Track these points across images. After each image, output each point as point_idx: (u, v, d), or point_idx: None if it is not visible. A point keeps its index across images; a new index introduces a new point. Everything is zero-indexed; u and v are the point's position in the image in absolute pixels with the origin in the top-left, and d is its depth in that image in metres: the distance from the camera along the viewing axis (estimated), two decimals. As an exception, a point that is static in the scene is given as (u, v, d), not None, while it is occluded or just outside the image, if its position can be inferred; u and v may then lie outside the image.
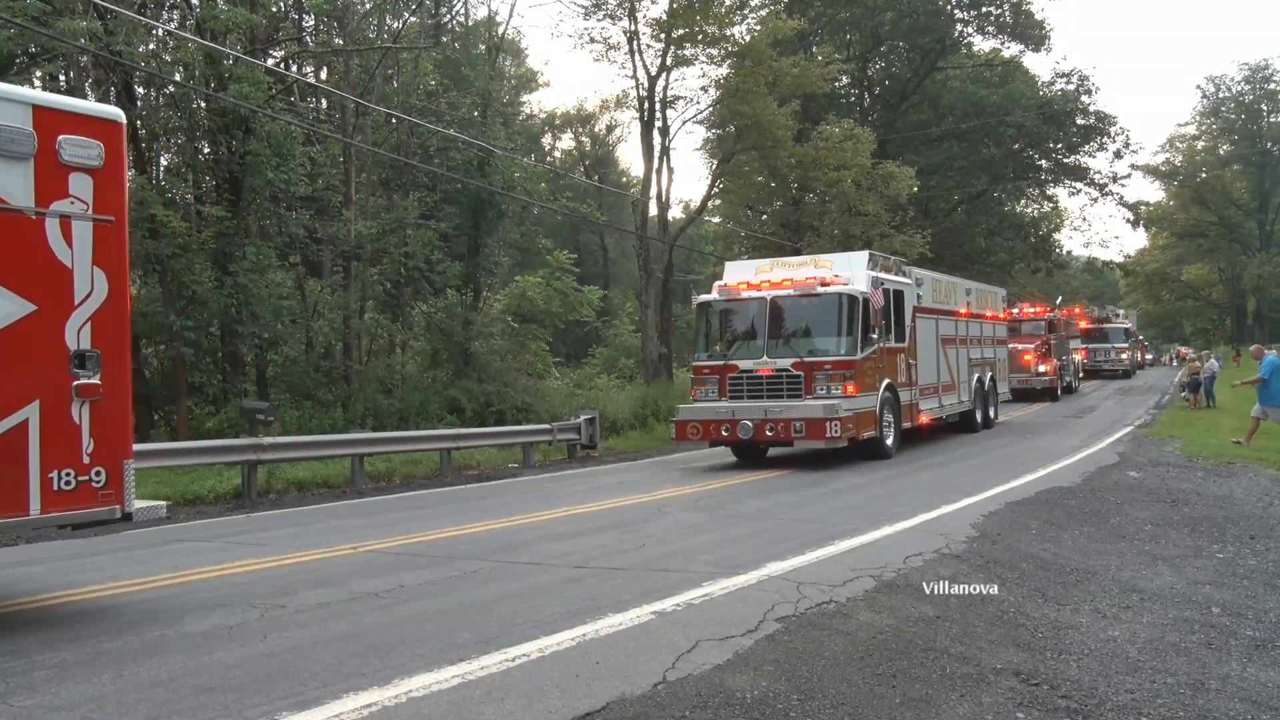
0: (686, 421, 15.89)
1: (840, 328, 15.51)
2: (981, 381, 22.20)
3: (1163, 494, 12.26)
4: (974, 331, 22.26)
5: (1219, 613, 6.92)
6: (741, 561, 7.59)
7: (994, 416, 23.12)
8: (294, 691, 4.69)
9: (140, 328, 17.68)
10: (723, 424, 15.35)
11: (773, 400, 15.32)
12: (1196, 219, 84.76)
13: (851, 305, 15.53)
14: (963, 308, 21.67)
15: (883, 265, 17.51)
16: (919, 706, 4.69)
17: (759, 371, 15.62)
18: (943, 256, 44.26)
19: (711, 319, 16.93)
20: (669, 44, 31.73)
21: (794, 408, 14.95)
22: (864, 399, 15.42)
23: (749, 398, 15.62)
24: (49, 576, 8.09)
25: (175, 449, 13.82)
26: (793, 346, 15.62)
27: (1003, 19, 47.36)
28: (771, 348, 15.71)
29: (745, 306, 16.30)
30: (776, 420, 14.87)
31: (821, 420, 14.54)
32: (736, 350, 16.16)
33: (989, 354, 23.46)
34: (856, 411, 15.08)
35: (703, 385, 16.33)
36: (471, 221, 25.26)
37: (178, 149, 21.33)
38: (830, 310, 15.65)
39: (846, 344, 15.39)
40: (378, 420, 20.34)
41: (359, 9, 25.52)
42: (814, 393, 15.12)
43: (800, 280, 15.96)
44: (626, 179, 60.72)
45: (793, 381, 15.32)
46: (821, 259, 17.44)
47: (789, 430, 14.76)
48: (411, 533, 9.78)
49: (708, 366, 16.35)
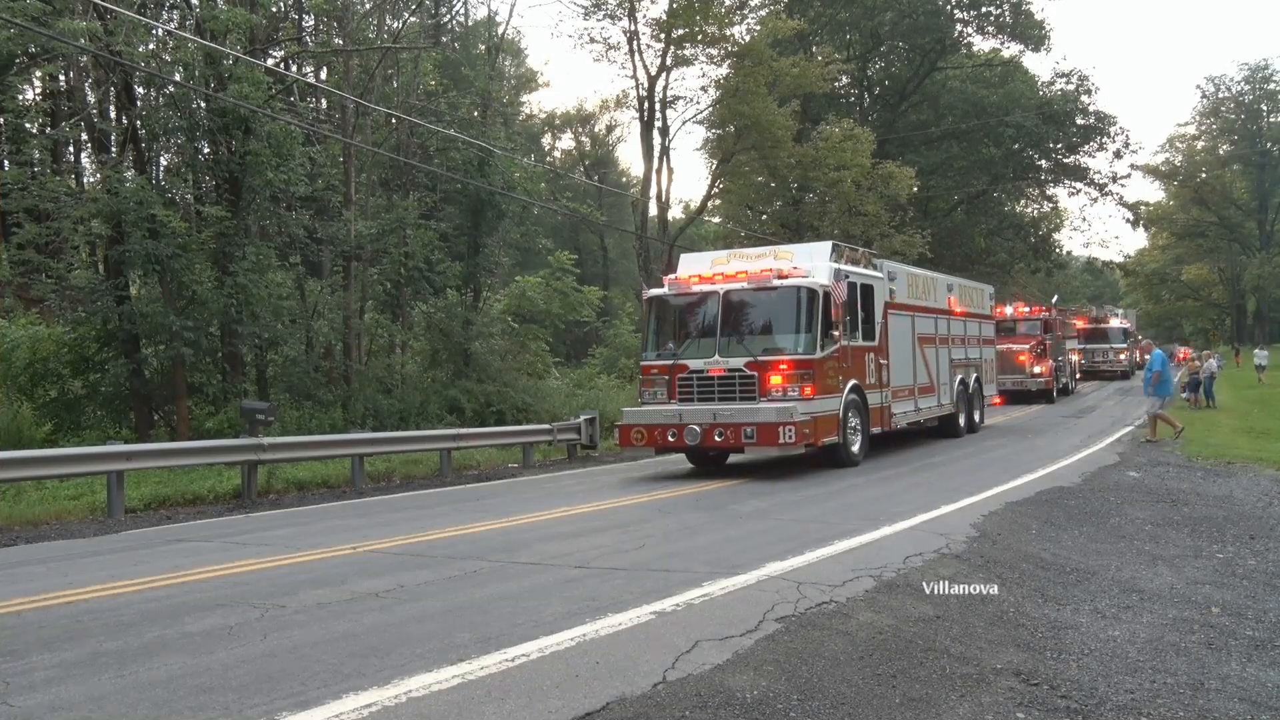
0: (630, 426, 14.75)
1: (798, 324, 14.33)
2: (965, 383, 21.04)
3: (1162, 494, 12.27)
4: (956, 330, 21.01)
5: (1219, 613, 6.92)
6: (741, 562, 7.59)
7: (979, 420, 22.06)
8: (294, 691, 4.69)
9: (140, 328, 17.71)
10: (669, 428, 14.22)
11: (724, 403, 14.17)
12: (1196, 219, 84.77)
13: (810, 299, 14.33)
14: (943, 304, 20.45)
15: (849, 257, 16.36)
16: (919, 706, 4.70)
17: (710, 372, 14.45)
18: (942, 256, 44.29)
19: (661, 315, 15.67)
20: (669, 44, 31.74)
21: (744, 411, 13.79)
22: (825, 402, 14.28)
23: (699, 400, 14.47)
24: (49, 576, 8.09)
25: (175, 449, 13.82)
26: (747, 345, 14.41)
27: (1002, 19, 47.39)
28: (724, 346, 14.51)
29: (696, 301, 15.10)
30: (726, 425, 13.76)
31: (774, 425, 13.39)
32: (687, 349, 14.95)
33: (974, 354, 22.20)
34: (815, 415, 13.91)
35: (651, 387, 15.13)
36: (471, 221, 25.27)
37: (177, 149, 21.30)
38: (787, 305, 14.48)
39: (805, 341, 14.21)
40: (378, 420, 20.35)
41: (358, 9, 25.53)
42: (769, 395, 13.98)
43: (756, 272, 14.77)
44: (626, 179, 60.76)
45: (746, 382, 14.16)
46: (782, 250, 16.25)
47: (739, 435, 13.66)
48: (411, 533, 9.78)
49: (656, 366, 15.13)
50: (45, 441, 16.24)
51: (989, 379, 23.50)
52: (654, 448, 14.85)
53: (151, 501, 13.25)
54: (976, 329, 22.60)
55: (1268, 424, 23.71)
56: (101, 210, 17.50)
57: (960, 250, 50.88)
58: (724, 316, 14.62)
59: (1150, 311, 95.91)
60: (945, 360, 19.92)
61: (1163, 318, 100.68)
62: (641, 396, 15.39)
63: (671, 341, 15.34)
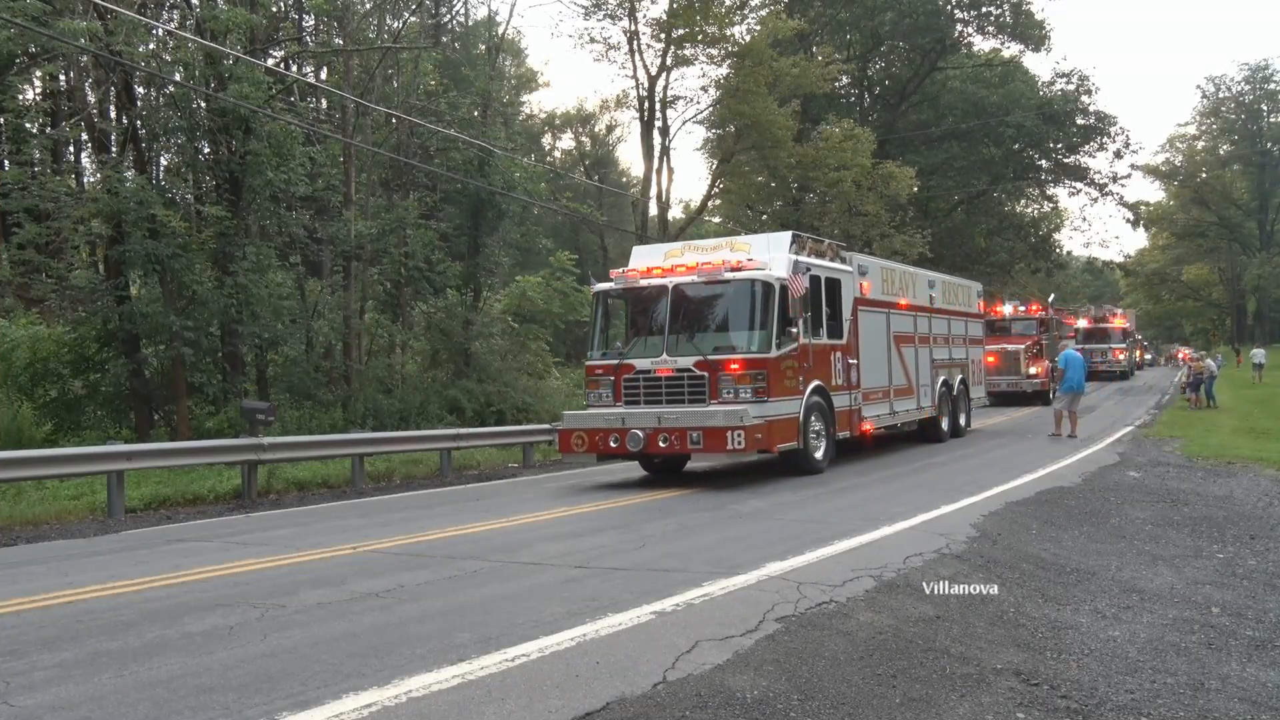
0: (570, 431, 13.69)
1: (752, 320, 13.31)
2: (949, 385, 19.89)
3: (1163, 494, 12.26)
4: (939, 329, 19.88)
5: (1219, 613, 6.92)
6: (741, 561, 7.58)
7: (964, 424, 20.96)
8: (294, 691, 4.69)
9: (140, 327, 17.71)
10: (610, 433, 13.17)
11: (672, 406, 13.19)
12: (1196, 219, 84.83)
13: (765, 293, 13.29)
14: (924, 301, 19.25)
15: (812, 248, 15.20)
16: (919, 706, 4.69)
17: (657, 372, 13.43)
18: (943, 256, 44.33)
19: (608, 310, 14.72)
20: (669, 44, 31.79)
21: (691, 414, 12.80)
22: (781, 404, 13.26)
23: (646, 402, 13.44)
24: (49, 576, 8.09)
25: (175, 449, 13.82)
26: (697, 343, 13.42)
27: (1002, 19, 47.45)
28: (672, 344, 13.50)
29: (645, 296, 14.10)
30: (670, 429, 12.73)
31: (721, 429, 12.41)
32: (634, 347, 14.01)
33: (959, 354, 21.00)
34: (770, 419, 12.90)
35: (596, 388, 14.08)
36: (471, 221, 25.27)
37: (178, 149, 21.31)
38: (740, 299, 13.47)
39: (759, 339, 13.19)
40: (378, 420, 20.35)
41: (359, 9, 25.53)
42: (720, 397, 13.00)
43: (707, 265, 13.72)
44: (627, 179, 60.75)
45: (695, 384, 13.18)
46: (739, 241, 15.13)
47: (685, 441, 12.66)
48: (412, 533, 9.78)
49: (601, 366, 14.08)
50: (45, 441, 16.24)
51: (976, 380, 22.49)
52: (595, 454, 13.82)
53: (152, 501, 13.25)
54: (962, 328, 21.48)
55: (1268, 424, 23.73)
56: (102, 210, 17.50)
57: (960, 250, 50.93)
58: (673, 312, 13.68)
59: (1150, 311, 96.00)
60: (926, 360, 18.91)
61: (1163, 318, 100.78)
62: (587, 399, 14.44)
63: (620, 339, 14.52)
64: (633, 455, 13.57)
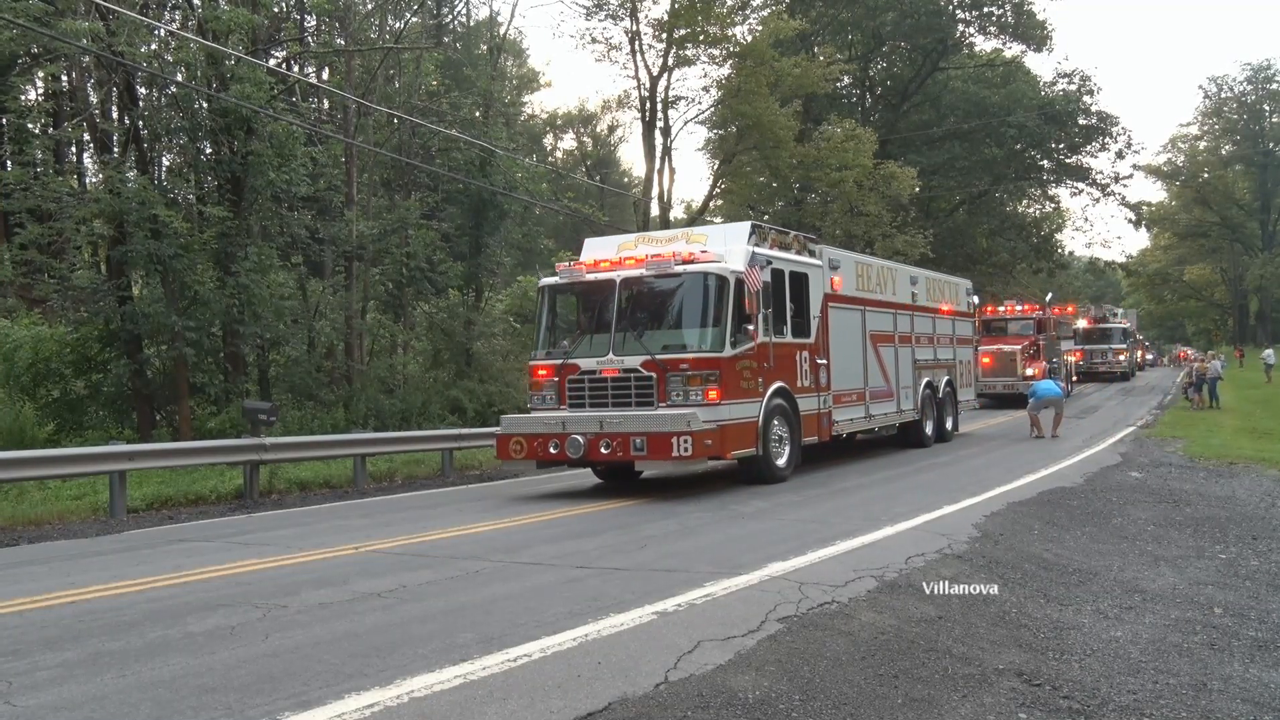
0: (509, 436, 12.75)
1: (704, 316, 12.40)
2: (933, 387, 18.89)
3: (1165, 494, 12.26)
4: (923, 327, 18.87)
5: (1221, 613, 6.92)
6: (743, 561, 7.58)
7: (951, 428, 19.92)
8: (296, 691, 4.69)
9: (142, 328, 17.72)
10: (550, 439, 12.26)
11: (618, 409, 12.33)
12: (1199, 219, 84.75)
13: (719, 288, 12.38)
14: (905, 298, 18.18)
15: (776, 240, 14.29)
16: (921, 707, 4.69)
17: (603, 373, 12.56)
18: (944, 256, 44.32)
19: (554, 307, 13.83)
20: (670, 44, 31.78)
21: (634, 418, 11.92)
22: (737, 407, 12.35)
23: (592, 405, 12.60)
24: (51, 576, 8.10)
25: (177, 449, 13.83)
26: (646, 341, 12.48)
27: (1004, 19, 47.41)
28: (619, 343, 12.58)
29: (592, 291, 13.24)
30: (613, 435, 11.84)
31: (667, 435, 11.48)
32: (580, 346, 13.09)
33: (945, 354, 19.96)
34: (723, 423, 11.98)
35: (539, 390, 13.17)
36: (473, 222, 25.29)
37: (180, 149, 21.35)
38: (692, 294, 12.58)
39: (711, 337, 12.28)
40: (380, 420, 20.37)
41: (360, 9, 25.55)
42: (669, 399, 12.13)
43: (657, 257, 12.77)
44: (628, 179, 60.78)
45: (643, 385, 12.29)
46: (695, 232, 14.30)
47: (627, 447, 11.75)
48: (413, 533, 9.78)
49: (544, 367, 13.18)
50: (48, 441, 16.25)
51: (965, 382, 21.43)
52: (535, 460, 12.71)
53: (154, 501, 13.26)
54: (949, 327, 20.41)
55: (1270, 425, 23.72)
56: (104, 210, 17.52)
57: (962, 250, 50.91)
58: (620, 308, 12.74)
59: (1152, 312, 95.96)
60: (908, 361, 17.96)
61: (1165, 318, 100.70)
62: (530, 402, 13.54)
63: (567, 338, 13.58)
64: (574, 463, 12.72)
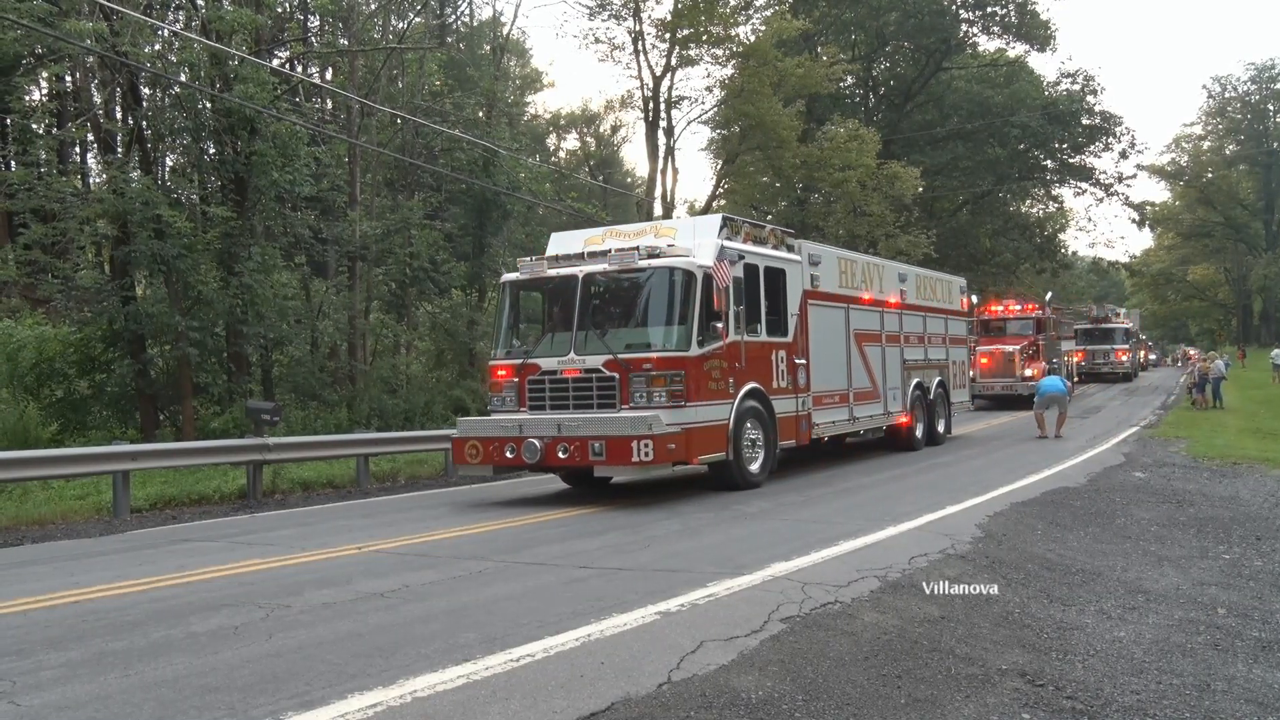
0: (464, 440, 12.24)
1: (669, 313, 11.83)
2: (923, 388, 18.28)
3: (1168, 495, 12.24)
4: (912, 326, 18.20)
5: (1225, 614, 6.91)
6: (746, 561, 7.57)
7: (944, 430, 19.37)
8: (299, 691, 4.69)
9: (146, 328, 17.74)
10: (506, 443, 11.75)
11: (580, 411, 11.77)
12: (1202, 219, 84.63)
13: (686, 283, 11.77)
14: (894, 296, 17.46)
15: (750, 235, 13.63)
16: (924, 707, 4.69)
17: (564, 373, 12.00)
18: (947, 257, 44.30)
19: (515, 304, 13.34)
20: (674, 44, 31.80)
21: (593, 421, 11.38)
22: (705, 409, 11.78)
23: (552, 408, 12.05)
24: (55, 576, 8.11)
25: (180, 449, 13.85)
26: (609, 340, 11.92)
27: (1008, 19, 47.40)
28: (581, 342, 12.02)
29: (554, 287, 12.69)
30: (571, 439, 11.31)
31: (626, 439, 10.96)
32: (541, 345, 12.58)
33: (937, 354, 19.34)
34: (689, 426, 11.43)
35: (499, 392, 12.66)
36: (476, 222, 25.31)
37: (183, 149, 21.37)
38: (658, 291, 12.00)
39: (677, 335, 11.69)
40: (383, 420, 20.38)
41: (364, 9, 25.57)
42: (631, 401, 11.56)
43: (622, 251, 12.19)
44: (631, 179, 60.74)
45: (605, 386, 11.71)
46: (665, 225, 13.72)
47: (585, 452, 11.22)
48: (416, 533, 9.79)
49: (504, 367, 12.62)
50: (51, 441, 16.27)
51: (959, 383, 20.80)
52: (491, 465, 12.18)
53: (157, 501, 13.28)
54: (941, 326, 19.77)
55: (1274, 425, 23.68)
56: (107, 210, 17.54)
57: (965, 250, 50.87)
58: (583, 305, 12.15)
59: (1156, 312, 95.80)
60: (895, 361, 17.31)
61: (1168, 318, 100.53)
62: (490, 403, 13.01)
63: (530, 336, 13.12)
64: (531, 468, 12.26)
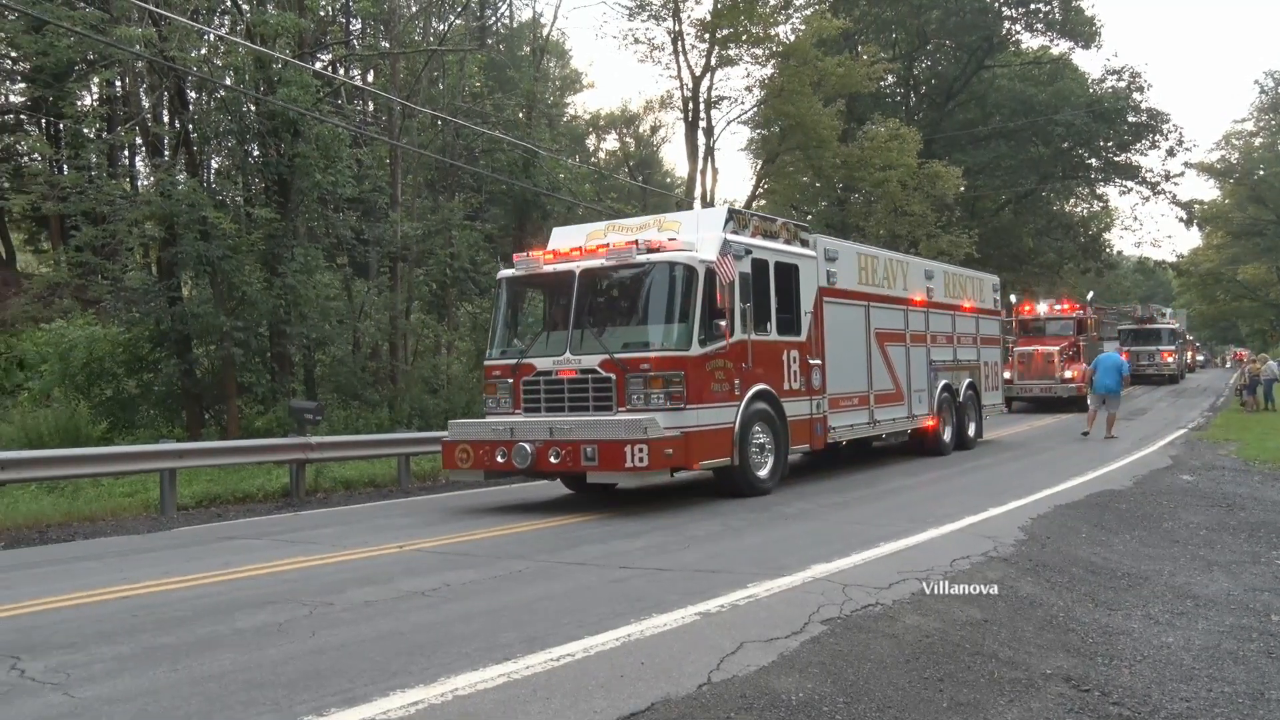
0: (455, 444, 11.73)
1: (669, 311, 11.28)
2: (952, 390, 17.50)
3: (1218, 498, 12.00)
4: (940, 326, 17.49)
5: (1279, 621, 6.76)
6: (786, 563, 7.54)
7: (974, 434, 18.51)
8: (342, 688, 4.74)
9: (192, 328, 18.02)
10: (498, 446, 11.20)
11: (575, 414, 11.28)
12: (1254, 217, 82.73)
13: (687, 279, 11.18)
14: (919, 294, 16.78)
15: (759, 228, 13.06)
16: (967, 711, 4.64)
17: (559, 374, 11.50)
18: (990, 256, 43.78)
19: (512, 301, 12.87)
20: (713, 44, 31.73)
21: (586, 425, 10.87)
22: (708, 412, 11.20)
23: (547, 410, 11.58)
24: (105, 571, 8.27)
25: (225, 448, 14.06)
26: (606, 339, 11.40)
27: (1051, 16, 46.74)
28: (577, 341, 11.52)
29: (551, 283, 12.26)
30: (563, 443, 10.76)
31: (620, 443, 10.40)
32: (537, 344, 12.11)
33: (967, 355, 18.56)
34: (689, 430, 10.85)
35: (494, 393, 12.19)
36: (516, 222, 25.46)
37: (228, 152, 21.69)
38: (658, 287, 11.44)
39: (677, 334, 11.12)
40: (424, 420, 20.52)
41: (405, 12, 25.78)
42: (628, 403, 11.03)
43: (620, 245, 11.58)
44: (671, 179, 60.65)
45: (601, 387, 11.19)
46: (669, 219, 13.04)
47: (578, 457, 10.66)
48: (456, 532, 9.85)
49: (499, 367, 12.18)
50: (101, 439, 16.59)
51: (992, 385, 19.97)
52: (482, 470, 11.62)
53: (203, 499, 13.49)
54: (972, 325, 18.94)
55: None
56: (155, 213, 17.86)
57: (1008, 250, 50.26)
58: (580, 302, 11.64)
59: (1204, 312, 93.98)
60: (921, 362, 16.60)
61: (1218, 318, 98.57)
62: (485, 405, 12.55)
63: (526, 335, 12.64)
64: (524, 474, 11.73)
